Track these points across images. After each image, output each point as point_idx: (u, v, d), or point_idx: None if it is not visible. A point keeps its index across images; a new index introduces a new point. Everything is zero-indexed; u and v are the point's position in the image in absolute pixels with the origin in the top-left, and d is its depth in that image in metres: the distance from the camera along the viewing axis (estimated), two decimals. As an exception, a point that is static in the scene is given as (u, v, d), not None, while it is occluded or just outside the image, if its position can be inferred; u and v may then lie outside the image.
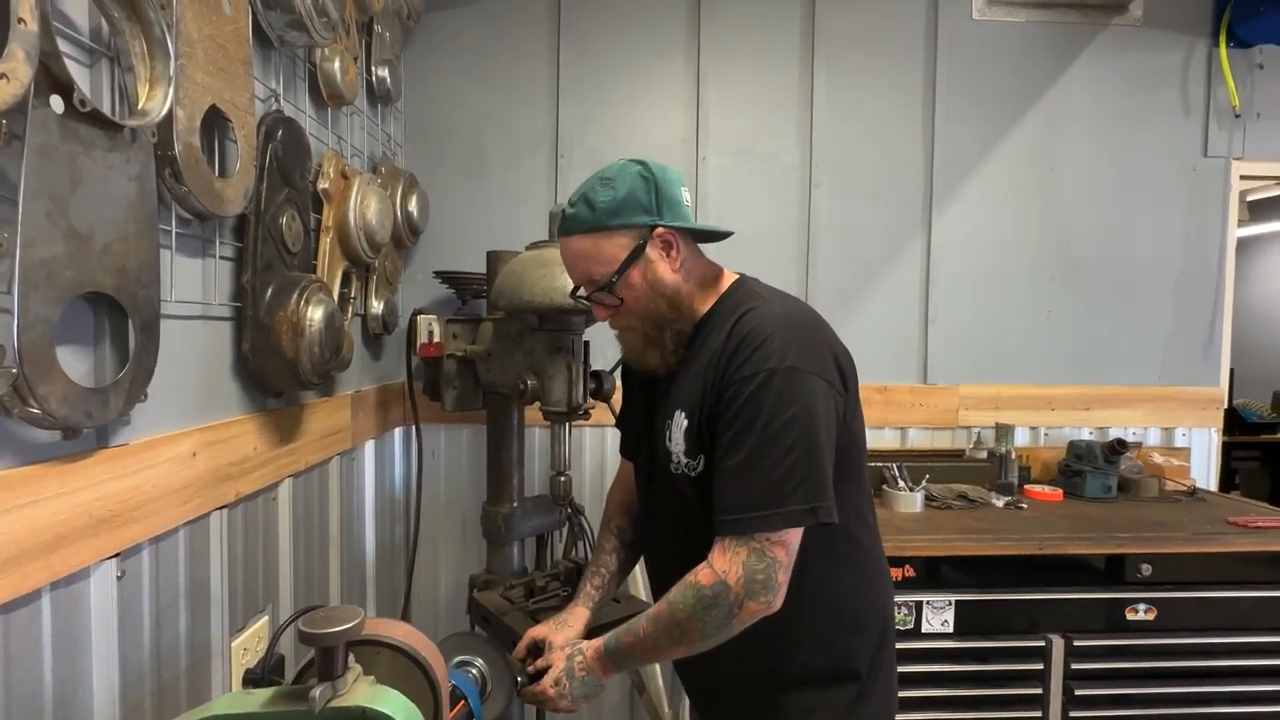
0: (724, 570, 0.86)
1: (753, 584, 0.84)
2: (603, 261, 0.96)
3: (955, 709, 1.52)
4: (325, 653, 0.53)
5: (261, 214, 1.10)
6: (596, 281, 0.97)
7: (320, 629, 0.53)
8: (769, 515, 0.84)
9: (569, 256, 1.00)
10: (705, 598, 0.86)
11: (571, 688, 0.96)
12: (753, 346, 0.88)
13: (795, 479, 0.84)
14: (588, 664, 0.97)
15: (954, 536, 1.59)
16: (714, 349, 0.94)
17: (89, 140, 0.73)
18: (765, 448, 0.85)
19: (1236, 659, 1.56)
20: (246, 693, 0.55)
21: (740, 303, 0.97)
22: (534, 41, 2.08)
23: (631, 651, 0.94)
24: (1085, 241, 2.20)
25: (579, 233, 0.96)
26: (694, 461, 0.94)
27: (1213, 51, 2.17)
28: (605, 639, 0.97)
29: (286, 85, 1.25)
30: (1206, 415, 2.23)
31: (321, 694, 0.51)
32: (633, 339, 1.02)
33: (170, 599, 0.95)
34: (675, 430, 0.96)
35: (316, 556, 1.44)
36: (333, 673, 0.54)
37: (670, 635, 0.89)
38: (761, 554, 0.85)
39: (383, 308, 1.72)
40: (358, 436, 1.65)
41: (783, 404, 0.85)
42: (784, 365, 0.86)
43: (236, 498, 1.09)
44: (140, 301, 0.82)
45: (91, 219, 0.73)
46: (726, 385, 0.89)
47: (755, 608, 0.85)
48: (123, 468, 0.83)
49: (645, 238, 0.95)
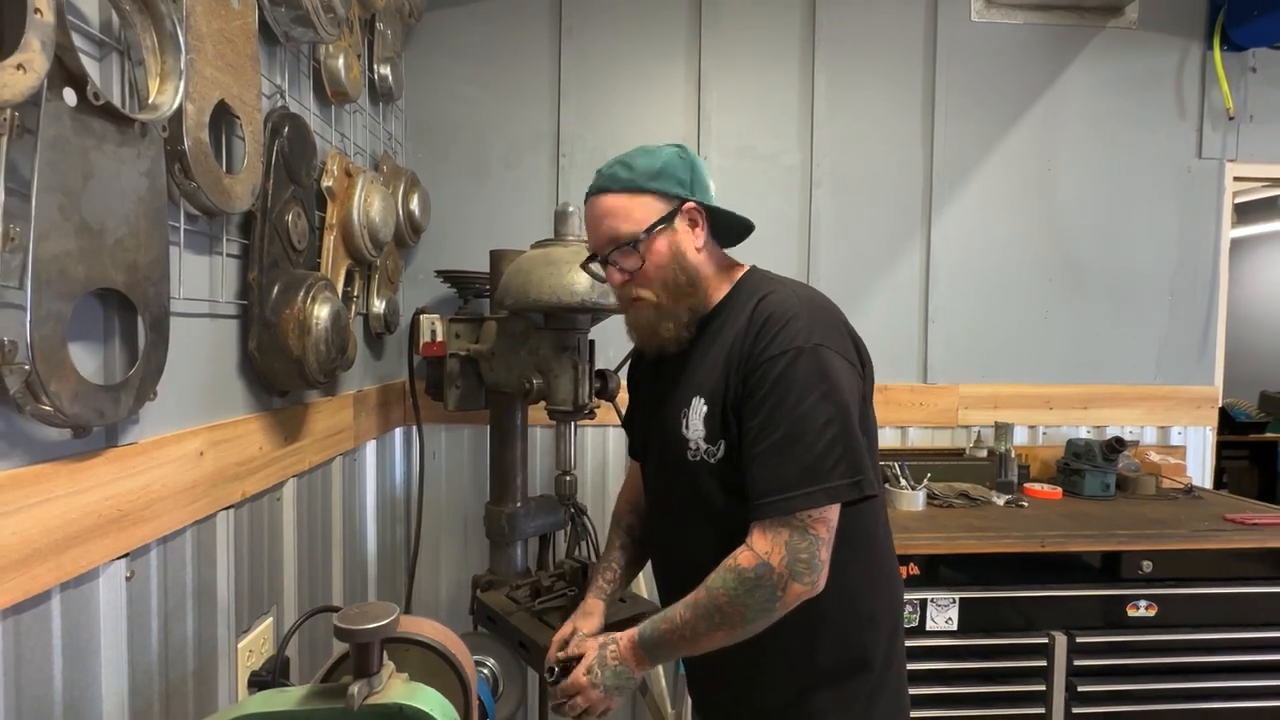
0: (766, 552, 0.84)
1: (796, 563, 0.83)
2: (632, 220, 0.95)
3: (961, 706, 1.53)
4: (361, 649, 0.53)
5: (268, 211, 1.10)
6: (621, 239, 0.95)
7: (357, 625, 0.52)
8: (811, 492, 0.83)
9: (597, 214, 0.98)
10: (748, 580, 0.84)
11: (604, 677, 0.94)
12: (778, 326, 0.89)
13: (834, 454, 0.84)
14: (621, 654, 0.95)
15: (957, 534, 1.60)
16: (735, 333, 0.94)
17: (101, 134, 0.72)
18: (800, 425, 0.84)
19: (1236, 654, 1.58)
20: (279, 690, 0.54)
21: (758, 287, 0.97)
22: (535, 41, 2.07)
23: (668, 640, 0.91)
24: (1082, 242, 2.22)
25: (613, 191, 0.96)
26: (714, 448, 0.93)
27: (1207, 54, 2.19)
28: (639, 629, 0.94)
29: (291, 82, 1.24)
30: (1201, 414, 2.25)
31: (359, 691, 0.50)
32: (644, 311, 0.99)
33: (178, 600, 0.93)
34: (693, 416, 0.95)
35: (320, 557, 1.43)
36: (369, 669, 0.53)
37: (710, 621, 0.87)
38: (804, 532, 0.84)
39: (384, 307, 1.71)
40: (360, 437, 1.64)
41: (812, 381, 0.85)
42: (810, 344, 0.87)
43: (243, 498, 1.07)
44: (151, 298, 0.81)
45: (103, 214, 0.72)
46: (754, 366, 0.89)
47: (800, 589, 0.84)
48: (132, 467, 0.82)
49: (676, 209, 0.96)
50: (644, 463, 1.15)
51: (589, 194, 1.00)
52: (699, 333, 1.01)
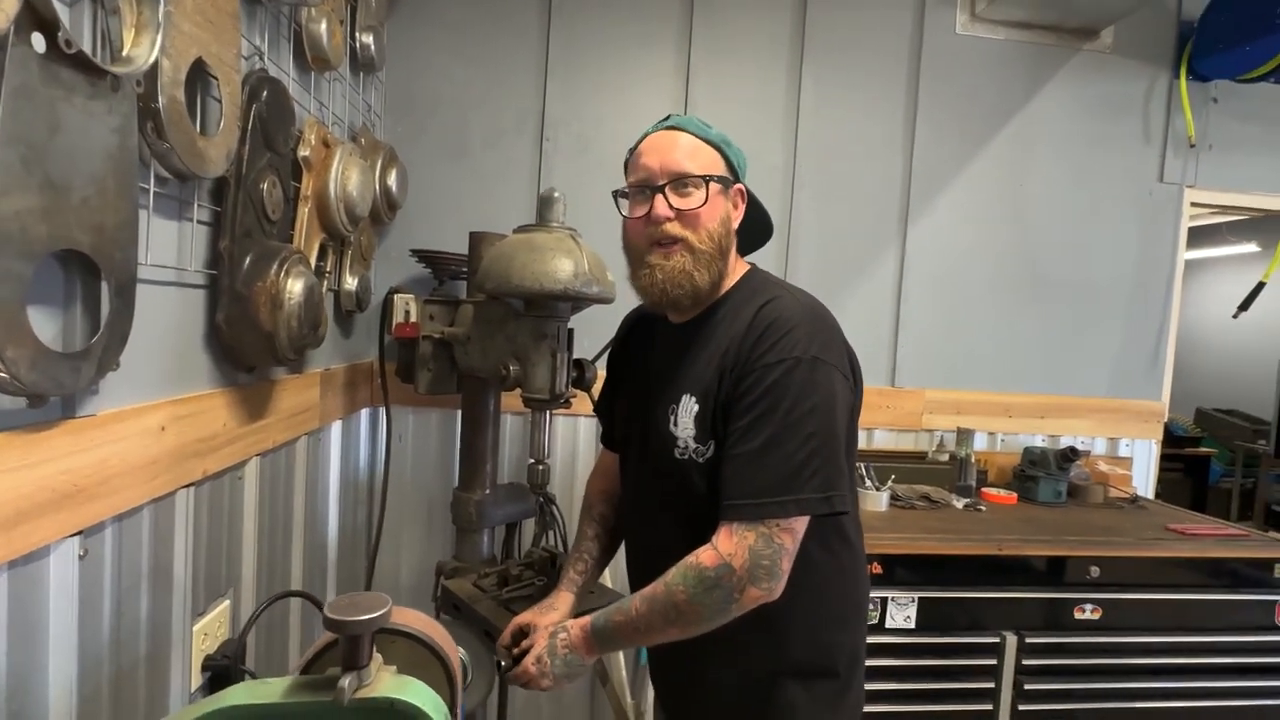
0: (729, 553, 0.85)
1: (757, 569, 0.84)
2: (703, 166, 0.96)
3: (915, 702, 1.57)
4: (352, 641, 0.51)
5: (242, 178, 1.05)
6: (691, 172, 0.95)
7: (348, 616, 0.50)
8: (783, 501, 0.84)
9: (670, 143, 0.96)
10: (707, 579, 0.85)
11: (553, 666, 0.95)
12: (779, 334, 0.89)
13: (812, 467, 0.85)
14: (571, 642, 0.96)
15: (919, 535, 1.64)
16: (734, 334, 0.94)
17: (70, 85, 0.67)
18: (784, 434, 0.85)
19: (1173, 657, 1.66)
20: (261, 682, 0.51)
21: (760, 290, 0.98)
22: (523, 21, 2.03)
23: (620, 631, 0.92)
24: (1047, 257, 2.28)
25: (694, 133, 0.97)
26: (703, 447, 0.93)
27: (1173, 83, 2.28)
28: (593, 618, 0.95)
29: (270, 44, 1.19)
30: (1148, 427, 2.36)
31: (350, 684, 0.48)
32: (679, 257, 0.95)
33: (132, 581, 0.89)
34: (683, 414, 0.95)
35: (280, 539, 1.39)
36: (358, 662, 0.51)
37: (665, 616, 0.88)
38: (769, 539, 0.85)
39: (357, 284, 1.66)
40: (325, 417, 1.59)
41: (805, 393, 0.86)
42: (809, 355, 0.87)
43: (204, 476, 1.03)
44: (117, 263, 0.76)
45: (69, 171, 0.68)
46: (748, 370, 0.89)
47: (757, 593, 0.85)
48: (89, 440, 0.78)
49: (729, 182, 0.99)
50: (623, 453, 1.14)
51: (664, 127, 0.99)
52: (696, 327, 1.01)
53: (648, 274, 0.97)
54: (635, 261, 1.00)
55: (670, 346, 1.04)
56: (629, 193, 1.00)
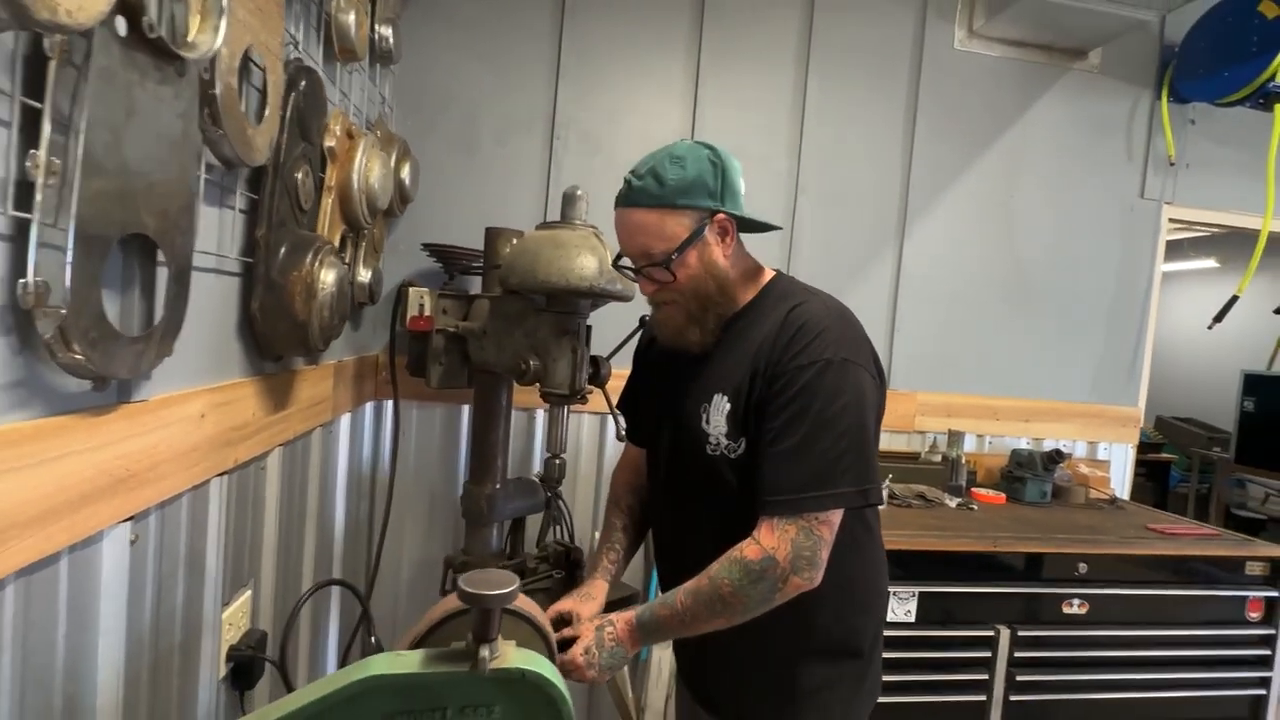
0: (772, 547, 0.90)
1: (799, 560, 0.89)
2: (664, 238, 0.97)
3: (914, 692, 1.62)
4: (484, 614, 0.52)
5: (280, 167, 1.05)
6: (653, 257, 0.98)
7: (485, 590, 0.52)
8: (820, 496, 0.89)
9: (629, 227, 1.00)
10: (753, 572, 0.90)
11: (600, 658, 0.97)
12: (810, 337, 0.93)
13: (846, 463, 0.90)
14: (618, 636, 0.98)
15: (918, 532, 1.70)
16: (765, 336, 0.98)
17: (144, 69, 0.67)
18: (819, 432, 0.90)
19: (1155, 650, 1.74)
20: (398, 654, 0.53)
21: (788, 294, 1.02)
22: (537, 20, 2.03)
23: (666, 624, 0.96)
24: (1035, 266, 2.37)
25: (644, 206, 0.97)
26: (735, 444, 0.98)
27: (1155, 104, 2.38)
28: (638, 612, 0.98)
29: (303, 34, 1.19)
30: (1125, 432, 2.46)
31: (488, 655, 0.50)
32: (675, 315, 1.03)
33: (171, 568, 0.89)
34: (714, 413, 0.99)
35: (295, 530, 1.38)
36: (488, 635, 0.52)
37: (711, 608, 0.92)
38: (810, 532, 0.90)
39: (370, 277, 1.65)
40: (337, 409, 1.58)
41: (837, 392, 0.91)
42: (839, 357, 0.92)
43: (235, 464, 1.03)
44: (178, 248, 0.77)
45: (142, 155, 0.68)
46: (781, 372, 0.93)
47: (799, 582, 0.90)
48: (141, 425, 0.78)
49: (706, 221, 0.98)
50: (652, 449, 1.17)
51: (620, 202, 1.01)
52: (724, 331, 1.04)
53: (657, 327, 1.08)
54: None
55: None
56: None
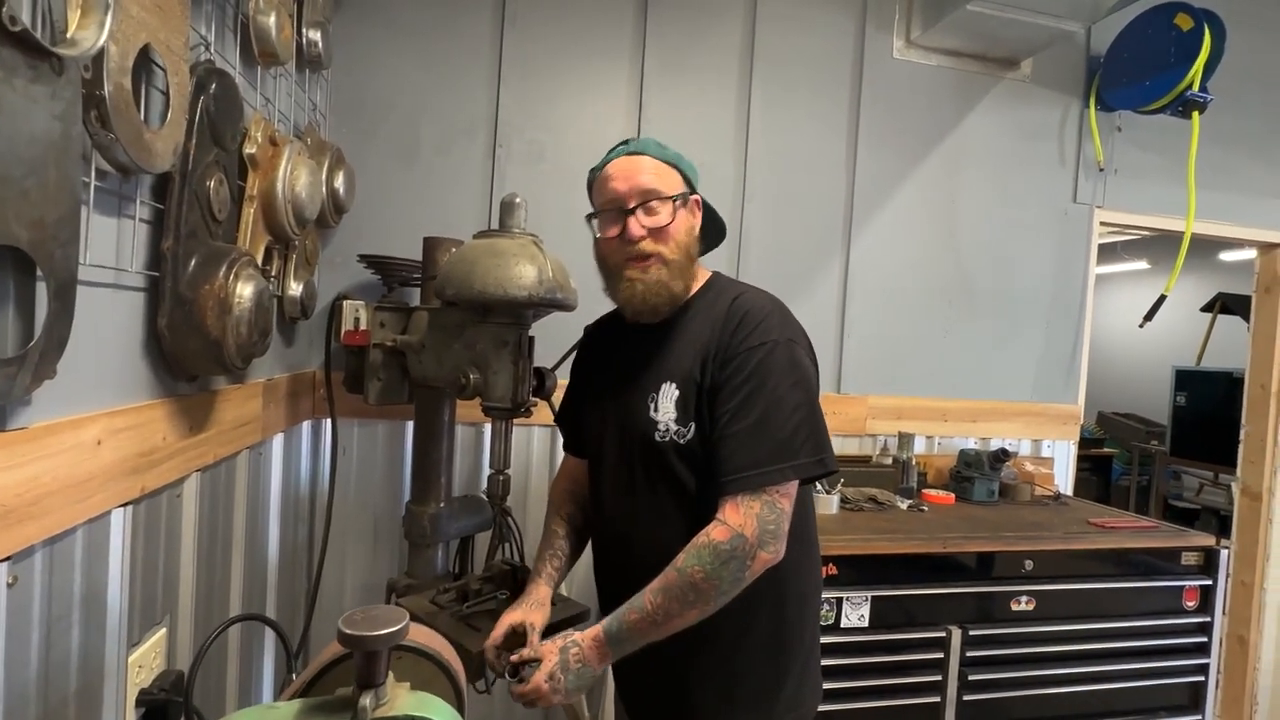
0: (739, 524, 0.91)
1: (765, 534, 0.91)
2: (666, 185, 1.05)
3: (869, 698, 1.62)
4: (369, 658, 0.47)
5: (188, 174, 0.98)
6: (660, 191, 1.03)
7: (365, 631, 0.46)
8: (781, 468, 0.92)
9: (636, 167, 1.04)
10: (723, 553, 0.90)
11: (566, 681, 0.93)
12: (756, 321, 0.99)
13: (802, 435, 0.93)
14: (584, 656, 0.94)
15: (870, 536, 1.70)
16: (711, 325, 1.02)
17: (11, 66, 0.62)
18: (774, 409, 0.93)
19: (1099, 642, 1.78)
20: (269, 707, 0.47)
21: (728, 289, 1.08)
22: (476, 26, 2.00)
23: (637, 629, 0.93)
24: (976, 269, 2.43)
25: (653, 156, 1.05)
26: (684, 429, 1.00)
27: (1084, 112, 2.48)
28: (604, 625, 0.95)
29: (216, 35, 1.13)
30: (1066, 429, 2.53)
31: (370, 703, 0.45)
32: (656, 269, 1.03)
33: (63, 609, 0.81)
34: (664, 400, 1.01)
35: (219, 560, 1.30)
36: (375, 679, 0.47)
37: (684, 600, 0.91)
38: (772, 505, 0.92)
39: (301, 290, 1.58)
40: (267, 429, 1.50)
41: (786, 370, 0.95)
42: (784, 338, 0.98)
43: (141, 493, 0.95)
44: (57, 262, 0.70)
45: (9, 158, 0.62)
46: (732, 355, 0.97)
47: (766, 557, 0.92)
48: (20, 455, 0.71)
49: (688, 196, 1.07)
50: (595, 453, 1.15)
51: (627, 152, 1.06)
52: (669, 325, 1.07)
53: (628, 286, 1.04)
54: (614, 276, 1.07)
55: (644, 345, 1.10)
56: (600, 214, 1.08)
